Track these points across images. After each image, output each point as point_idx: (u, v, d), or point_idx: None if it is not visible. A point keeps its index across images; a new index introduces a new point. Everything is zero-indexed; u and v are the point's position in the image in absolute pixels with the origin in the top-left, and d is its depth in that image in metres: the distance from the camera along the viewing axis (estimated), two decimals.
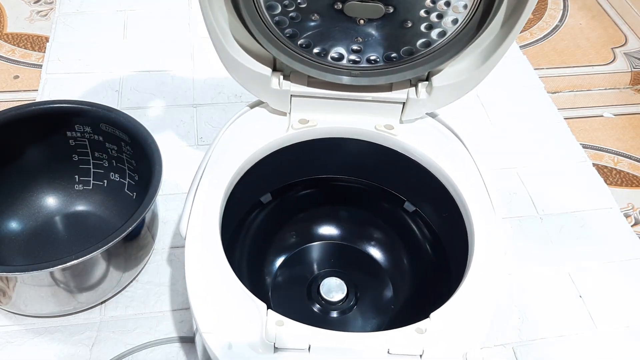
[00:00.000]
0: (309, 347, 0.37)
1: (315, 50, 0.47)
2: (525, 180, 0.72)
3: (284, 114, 0.51)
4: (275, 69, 0.49)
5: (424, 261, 0.54)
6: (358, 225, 0.57)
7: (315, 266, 0.55)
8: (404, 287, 0.54)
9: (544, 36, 0.95)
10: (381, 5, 0.43)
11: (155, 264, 0.60)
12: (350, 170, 0.55)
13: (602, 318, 0.60)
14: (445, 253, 0.51)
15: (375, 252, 0.56)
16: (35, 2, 0.91)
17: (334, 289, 0.52)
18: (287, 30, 0.45)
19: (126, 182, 0.60)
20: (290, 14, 0.44)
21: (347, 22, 0.45)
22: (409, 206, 0.55)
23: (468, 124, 0.78)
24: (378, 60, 0.48)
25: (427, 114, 0.52)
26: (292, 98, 0.49)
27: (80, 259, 0.47)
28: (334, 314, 0.52)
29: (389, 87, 0.50)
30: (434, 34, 0.46)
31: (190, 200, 0.44)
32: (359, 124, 0.51)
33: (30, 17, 0.89)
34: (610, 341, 0.58)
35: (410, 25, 0.45)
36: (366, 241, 0.56)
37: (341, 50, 0.47)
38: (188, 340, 0.55)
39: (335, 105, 0.50)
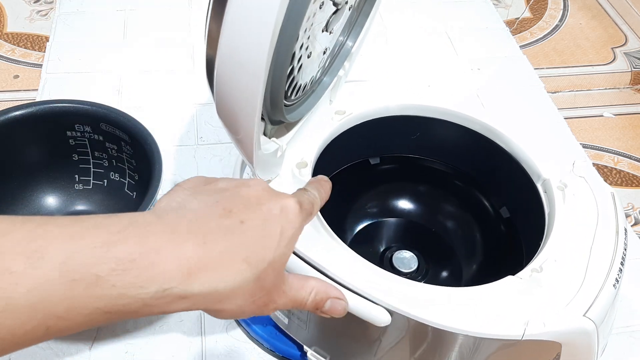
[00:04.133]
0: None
1: (305, 87, 0.46)
2: None
3: (270, 180, 0.47)
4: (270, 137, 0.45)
5: (495, 240, 0.55)
6: (432, 204, 0.59)
7: (385, 240, 0.57)
8: (474, 266, 0.55)
9: (544, 36, 0.95)
10: None
11: None
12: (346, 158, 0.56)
13: None
14: (518, 233, 0.53)
15: (446, 231, 0.58)
16: (35, 2, 0.91)
17: (406, 260, 0.53)
18: (298, 92, 0.44)
19: (126, 182, 0.61)
20: (300, 71, 0.42)
21: (326, 39, 0.44)
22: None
23: None
24: (326, 51, 0.48)
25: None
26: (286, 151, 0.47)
27: None
28: None
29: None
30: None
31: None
32: (324, 126, 0.51)
33: (30, 16, 0.89)
34: (610, 341, 0.58)
35: (356, 4, 0.46)
36: (439, 220, 0.58)
37: (317, 67, 0.46)
38: None
39: (300, 129, 0.49)
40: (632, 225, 0.69)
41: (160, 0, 0.90)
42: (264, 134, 0.44)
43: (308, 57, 0.42)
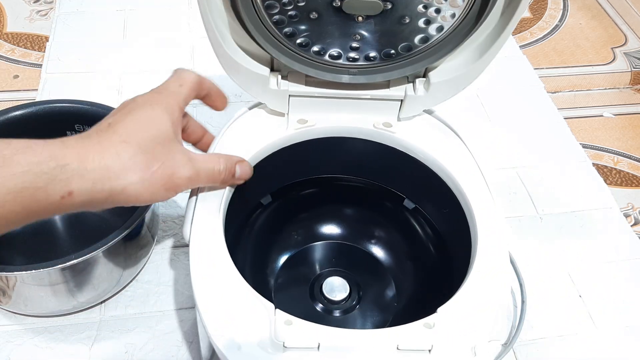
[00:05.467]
0: (318, 346, 0.37)
1: (314, 49, 0.47)
2: (525, 180, 0.72)
3: (283, 114, 0.50)
4: (273, 69, 0.48)
5: (426, 259, 0.54)
6: (359, 225, 0.58)
7: (317, 266, 0.55)
8: (407, 285, 0.54)
9: (544, 36, 0.95)
10: (379, 1, 0.43)
11: (155, 264, 0.60)
12: (350, 169, 0.55)
13: (602, 318, 0.60)
14: (448, 251, 0.51)
15: (377, 251, 0.56)
16: (35, 2, 0.91)
17: (336, 288, 0.52)
18: (285, 30, 0.45)
19: None
20: (288, 13, 0.44)
21: (346, 20, 0.45)
22: (408, 204, 0.55)
23: (468, 124, 0.78)
24: (376, 57, 0.48)
25: (424, 111, 0.52)
26: (290, 98, 0.49)
27: (80, 259, 0.47)
28: (337, 313, 0.52)
29: (387, 85, 0.50)
30: (431, 29, 0.46)
31: (192, 204, 0.44)
32: (358, 123, 0.51)
33: (30, 16, 0.89)
34: (610, 341, 0.58)
35: (408, 20, 0.45)
36: (368, 240, 0.57)
37: (339, 48, 0.47)
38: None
39: (333, 105, 0.50)
40: (632, 225, 0.69)
41: (160, 0, 0.90)
42: (272, 67, 0.48)
43: (312, 16, 0.44)
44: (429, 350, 0.37)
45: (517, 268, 0.57)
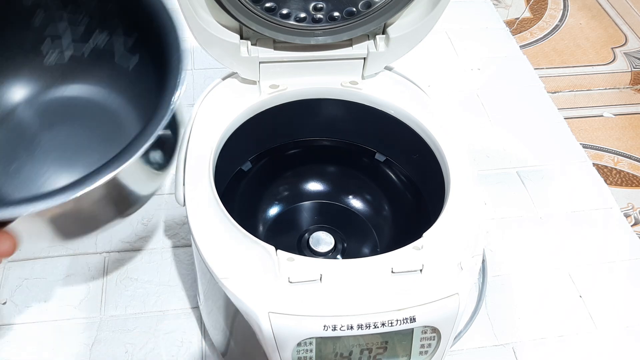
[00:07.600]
0: (320, 277, 0.39)
1: (281, 13, 0.48)
2: (525, 180, 0.72)
3: (255, 82, 0.52)
4: (242, 37, 0.50)
5: (402, 205, 0.57)
6: (338, 183, 0.61)
7: (301, 225, 0.58)
8: (387, 232, 0.57)
9: (544, 36, 0.95)
10: None
11: (155, 264, 0.61)
12: (323, 131, 0.58)
13: (602, 318, 0.60)
14: (421, 193, 0.54)
15: (357, 205, 0.59)
16: None
17: (322, 241, 0.55)
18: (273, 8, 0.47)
19: (119, 50, 0.42)
20: None
21: None
22: (379, 157, 0.58)
23: (468, 124, 0.78)
24: (339, 17, 0.49)
25: (385, 68, 0.55)
26: (261, 65, 0.51)
27: (72, 197, 0.29)
28: None
29: (350, 44, 0.52)
30: None
31: (181, 171, 0.46)
32: (326, 84, 0.53)
33: None
34: (610, 341, 0.59)
35: None
36: (347, 196, 0.60)
37: (304, 10, 0.49)
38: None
39: (302, 69, 0.52)
40: (632, 225, 0.69)
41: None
42: (241, 35, 0.49)
43: None
44: (420, 270, 0.40)
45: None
